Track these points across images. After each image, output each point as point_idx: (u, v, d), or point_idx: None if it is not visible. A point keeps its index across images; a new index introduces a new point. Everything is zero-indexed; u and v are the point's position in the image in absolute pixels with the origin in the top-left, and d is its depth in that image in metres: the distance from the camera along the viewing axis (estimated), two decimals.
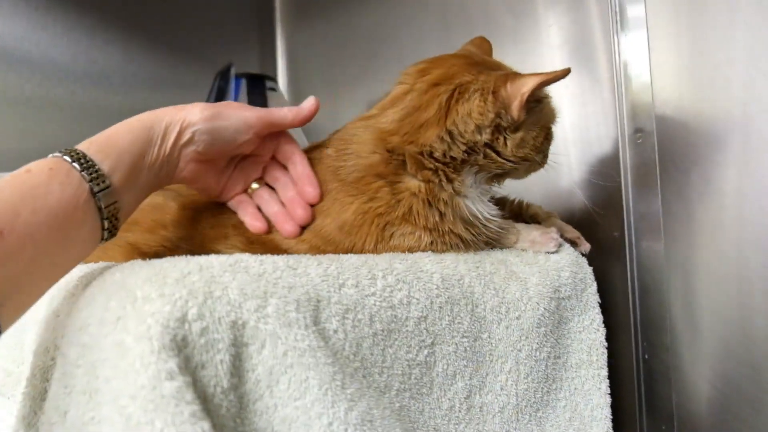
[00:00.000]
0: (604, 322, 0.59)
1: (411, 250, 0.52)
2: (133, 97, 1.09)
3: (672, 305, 0.61)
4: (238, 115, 0.51)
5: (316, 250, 0.51)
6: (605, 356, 0.58)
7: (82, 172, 0.41)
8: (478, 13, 0.84)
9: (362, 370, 0.43)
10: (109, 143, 0.44)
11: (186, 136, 0.49)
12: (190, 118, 0.49)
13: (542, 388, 0.54)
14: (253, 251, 0.51)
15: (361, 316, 0.43)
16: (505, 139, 0.51)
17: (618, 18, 0.66)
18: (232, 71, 0.97)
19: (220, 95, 0.97)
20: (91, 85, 1.04)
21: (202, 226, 0.56)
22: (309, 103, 0.56)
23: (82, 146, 0.43)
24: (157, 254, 0.52)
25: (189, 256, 0.41)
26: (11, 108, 0.95)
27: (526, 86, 0.49)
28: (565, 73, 0.50)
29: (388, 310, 0.45)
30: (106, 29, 1.06)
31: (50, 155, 0.42)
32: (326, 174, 0.54)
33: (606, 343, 0.59)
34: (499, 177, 0.56)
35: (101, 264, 0.46)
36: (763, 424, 0.54)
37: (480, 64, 0.54)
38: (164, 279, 0.36)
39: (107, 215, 0.42)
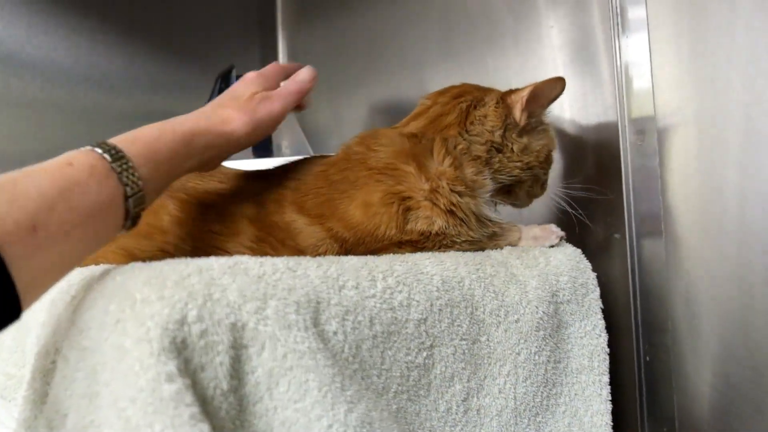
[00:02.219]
0: (605, 324, 0.59)
1: (422, 234, 0.55)
2: (135, 100, 1.09)
3: (673, 307, 0.61)
4: (271, 118, 0.55)
5: (335, 238, 0.54)
6: (607, 362, 0.58)
7: (120, 175, 0.41)
8: (479, 15, 0.84)
9: (361, 372, 0.43)
10: (150, 150, 0.44)
11: (226, 149, 0.52)
12: (235, 135, 0.51)
13: (541, 392, 0.54)
14: (270, 242, 0.55)
15: (361, 318, 0.43)
16: (512, 144, 0.61)
17: (619, 20, 0.65)
18: (234, 73, 0.97)
19: None
20: (93, 88, 1.05)
21: (209, 224, 0.56)
22: (307, 74, 0.60)
23: (123, 145, 0.42)
24: (153, 259, 0.51)
25: (188, 259, 0.41)
26: (14, 111, 0.95)
27: (525, 92, 0.60)
28: (557, 80, 0.61)
29: (388, 312, 0.45)
30: (107, 32, 1.07)
31: (89, 147, 0.41)
32: (354, 165, 0.57)
33: (608, 350, 0.58)
34: (506, 193, 0.63)
35: (102, 267, 0.46)
36: (764, 426, 0.54)
37: (487, 88, 0.65)
38: (164, 281, 0.37)
39: (132, 216, 0.43)
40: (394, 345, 0.45)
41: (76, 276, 0.45)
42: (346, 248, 0.55)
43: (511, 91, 0.62)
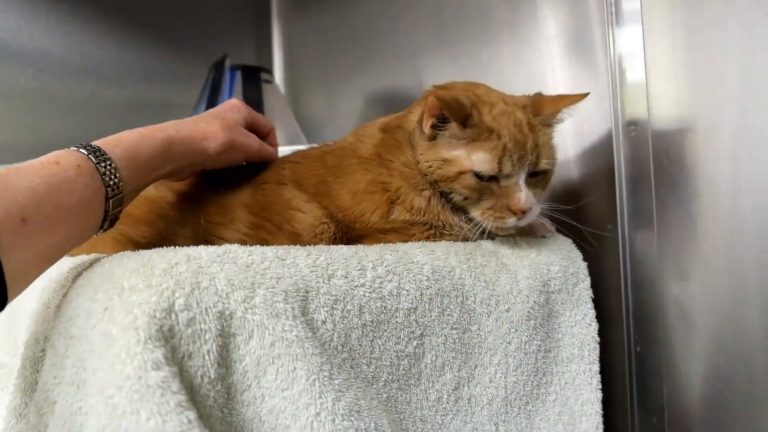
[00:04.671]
0: (596, 315, 0.59)
1: (404, 223, 0.56)
2: (128, 90, 1.09)
3: (665, 298, 0.61)
4: (244, 151, 0.58)
5: (330, 217, 0.57)
6: (597, 351, 0.58)
7: (104, 176, 0.43)
8: (473, 4, 0.84)
9: (350, 361, 0.43)
10: (130, 154, 0.46)
11: (198, 161, 0.55)
12: (210, 150, 0.54)
13: (532, 381, 0.54)
14: (266, 228, 0.56)
15: (350, 307, 0.43)
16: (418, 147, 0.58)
17: (614, 10, 0.65)
18: (227, 63, 0.96)
19: (214, 87, 0.96)
20: (86, 77, 1.04)
21: (206, 212, 0.58)
22: (271, 150, 0.63)
23: (107, 147, 0.45)
24: (151, 245, 0.52)
25: (177, 247, 0.41)
26: (5, 101, 0.95)
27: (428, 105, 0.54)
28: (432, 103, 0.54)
29: (377, 301, 0.45)
30: (99, 21, 1.06)
31: (74, 148, 0.43)
32: (347, 154, 0.59)
33: (598, 339, 0.59)
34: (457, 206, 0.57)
35: (92, 256, 0.46)
36: (754, 417, 0.54)
37: (477, 89, 0.59)
38: (151, 270, 0.37)
39: (111, 217, 0.44)
40: (383, 334, 0.45)
41: (66, 264, 0.45)
42: (341, 229, 0.56)
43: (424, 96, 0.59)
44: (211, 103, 0.95)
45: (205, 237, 0.57)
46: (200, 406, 0.35)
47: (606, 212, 0.66)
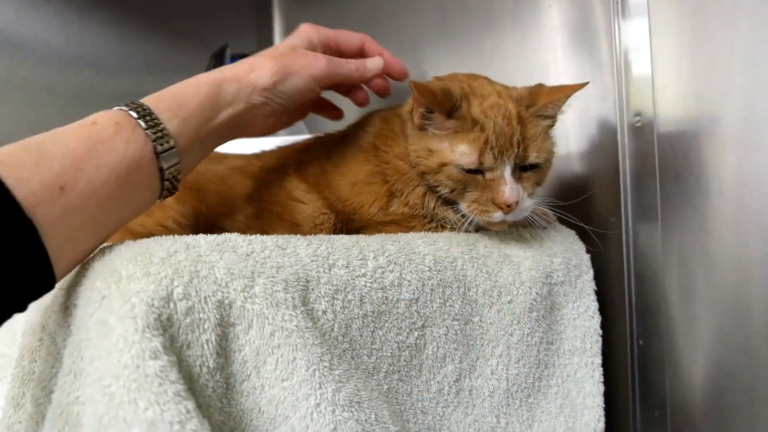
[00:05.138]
0: (599, 307, 0.59)
1: (404, 216, 0.55)
2: (128, 80, 1.08)
3: (668, 291, 0.61)
4: (306, 74, 0.51)
5: (330, 208, 0.56)
6: (599, 344, 0.58)
7: (147, 130, 0.40)
8: None
9: (351, 352, 0.43)
10: (176, 103, 0.43)
11: (255, 101, 0.48)
12: (261, 82, 0.48)
13: (534, 373, 0.54)
14: (266, 218, 0.56)
15: (351, 297, 0.43)
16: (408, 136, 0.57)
17: (619, 0, 0.64)
18: (227, 52, 0.95)
19: None
20: (85, 67, 1.03)
21: (207, 202, 0.57)
22: (374, 64, 0.58)
23: (150, 102, 0.42)
24: (152, 235, 0.52)
25: (176, 236, 0.40)
26: (4, 92, 0.94)
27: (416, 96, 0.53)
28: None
29: (378, 291, 0.45)
30: (99, 10, 1.05)
31: (116, 107, 0.41)
32: (348, 143, 0.59)
33: (601, 331, 0.58)
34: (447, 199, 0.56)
35: None
36: (757, 413, 0.53)
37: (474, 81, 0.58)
38: (150, 258, 0.36)
39: (168, 176, 0.42)
40: (384, 325, 0.45)
41: None
42: (341, 220, 0.56)
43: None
44: None
45: (205, 228, 0.56)
46: (199, 396, 0.35)
47: (610, 205, 0.65)
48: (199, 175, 0.59)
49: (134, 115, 0.40)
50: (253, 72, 0.48)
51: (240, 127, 0.50)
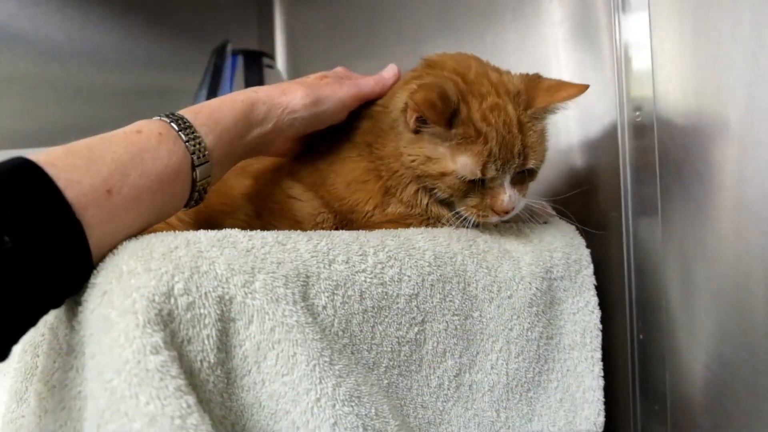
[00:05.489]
0: (599, 302, 0.59)
1: (401, 215, 0.55)
2: (129, 76, 1.08)
3: (668, 286, 0.61)
4: (335, 98, 0.54)
5: (328, 206, 0.56)
6: (599, 339, 0.58)
7: (187, 143, 0.42)
8: None
9: (351, 347, 0.43)
10: (213, 118, 0.45)
11: (285, 121, 0.51)
12: (292, 105, 0.51)
13: (533, 368, 0.54)
14: (266, 217, 0.55)
15: (351, 292, 0.43)
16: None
17: None
18: (229, 48, 0.95)
19: (216, 73, 0.95)
20: (87, 63, 1.03)
21: (209, 201, 0.57)
22: (391, 72, 0.60)
23: (188, 115, 0.43)
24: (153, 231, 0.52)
25: (177, 231, 0.40)
26: (5, 87, 0.94)
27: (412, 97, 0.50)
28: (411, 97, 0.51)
29: (378, 286, 0.45)
30: (100, 5, 1.05)
31: (156, 117, 0.42)
32: (339, 139, 0.58)
33: (600, 326, 0.58)
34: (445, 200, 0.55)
35: None
36: (757, 407, 0.54)
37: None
38: (151, 253, 0.36)
39: (199, 187, 0.43)
40: (384, 320, 0.45)
41: None
42: (340, 219, 0.56)
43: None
44: (213, 88, 0.95)
45: (207, 226, 0.56)
46: (200, 391, 0.35)
47: (610, 199, 0.65)
48: None
49: (175, 127, 0.42)
50: (285, 95, 0.51)
51: (264, 147, 0.52)
